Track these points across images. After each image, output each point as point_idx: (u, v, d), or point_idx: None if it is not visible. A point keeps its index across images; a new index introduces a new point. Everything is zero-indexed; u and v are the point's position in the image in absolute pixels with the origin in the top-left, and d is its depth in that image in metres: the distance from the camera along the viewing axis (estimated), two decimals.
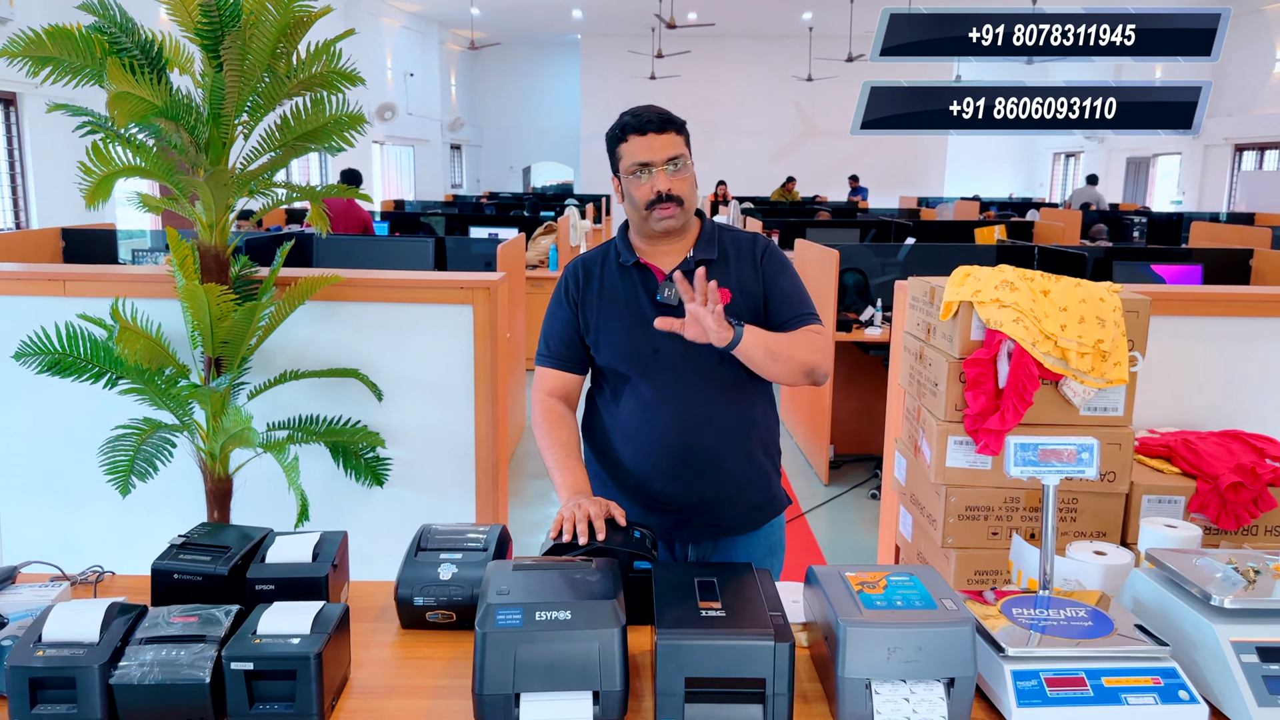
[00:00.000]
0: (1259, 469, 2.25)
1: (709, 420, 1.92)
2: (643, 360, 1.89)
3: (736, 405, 1.95)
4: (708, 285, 1.71)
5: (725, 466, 1.95)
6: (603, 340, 1.92)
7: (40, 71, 2.20)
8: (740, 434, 1.96)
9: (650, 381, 1.90)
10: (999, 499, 2.24)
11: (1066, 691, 1.34)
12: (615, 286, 1.94)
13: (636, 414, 1.92)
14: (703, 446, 1.92)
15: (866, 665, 1.30)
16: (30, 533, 2.84)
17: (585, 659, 1.28)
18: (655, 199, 1.85)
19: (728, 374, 1.92)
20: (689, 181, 1.89)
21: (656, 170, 1.85)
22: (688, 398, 1.90)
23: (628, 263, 1.94)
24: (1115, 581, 1.68)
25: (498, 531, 1.72)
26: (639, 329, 1.89)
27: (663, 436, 1.91)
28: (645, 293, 1.91)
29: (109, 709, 1.28)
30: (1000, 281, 2.19)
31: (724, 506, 1.98)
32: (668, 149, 1.85)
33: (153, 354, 2.36)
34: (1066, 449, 1.58)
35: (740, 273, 1.96)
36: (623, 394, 1.93)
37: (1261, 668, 1.34)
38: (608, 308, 1.93)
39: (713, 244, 1.96)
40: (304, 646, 1.29)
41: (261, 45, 2.27)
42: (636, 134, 1.86)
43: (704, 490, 1.94)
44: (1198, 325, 2.77)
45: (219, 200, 2.40)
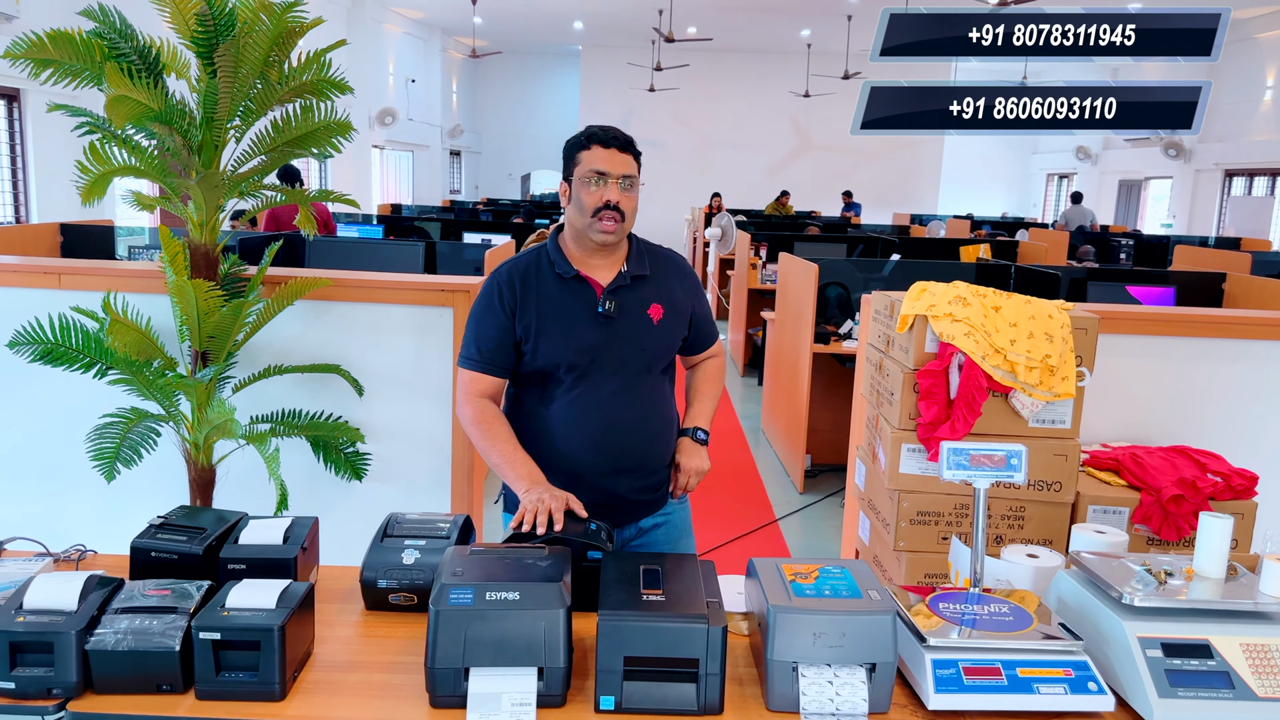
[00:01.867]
0: (1200, 483, 2.35)
1: (636, 421, 2.07)
2: (580, 366, 2.02)
3: (656, 407, 2.11)
4: (683, 484, 2.13)
5: (649, 460, 2.10)
6: (542, 346, 2.01)
7: (42, 73, 2.29)
8: (660, 431, 2.12)
9: (584, 385, 2.03)
10: (949, 505, 2.33)
11: (982, 680, 1.43)
12: (555, 296, 2.04)
13: (570, 414, 2.04)
14: (630, 445, 2.06)
15: (794, 649, 1.39)
16: (17, 517, 2.92)
17: (531, 637, 1.37)
18: (603, 206, 1.98)
19: (650, 380, 2.09)
20: (634, 201, 2.04)
21: (611, 181, 1.99)
22: (617, 401, 2.04)
23: (566, 274, 2.04)
24: (1044, 583, 1.77)
25: (461, 520, 1.81)
26: (579, 337, 2.01)
27: (594, 434, 2.04)
28: (585, 305, 2.04)
29: (84, 673, 1.36)
30: (954, 297, 2.29)
31: (646, 493, 2.12)
32: (625, 167, 2.00)
33: (142, 346, 2.45)
34: (997, 454, 1.68)
35: (670, 287, 2.12)
36: (554, 396, 2.05)
37: (1164, 662, 1.43)
38: (548, 316, 2.02)
39: (643, 260, 2.11)
40: (268, 619, 1.38)
41: (255, 53, 2.37)
42: (600, 145, 2.00)
43: (631, 481, 2.08)
44: (1152, 344, 2.87)
45: (210, 201, 2.49)
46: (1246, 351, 2.90)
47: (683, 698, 1.38)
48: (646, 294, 2.07)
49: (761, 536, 4.39)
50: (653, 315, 2.06)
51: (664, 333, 2.08)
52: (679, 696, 1.38)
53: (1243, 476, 2.38)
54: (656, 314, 2.06)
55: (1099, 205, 17.41)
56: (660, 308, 2.07)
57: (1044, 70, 13.67)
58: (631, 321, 2.04)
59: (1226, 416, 2.87)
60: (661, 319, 2.07)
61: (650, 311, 2.06)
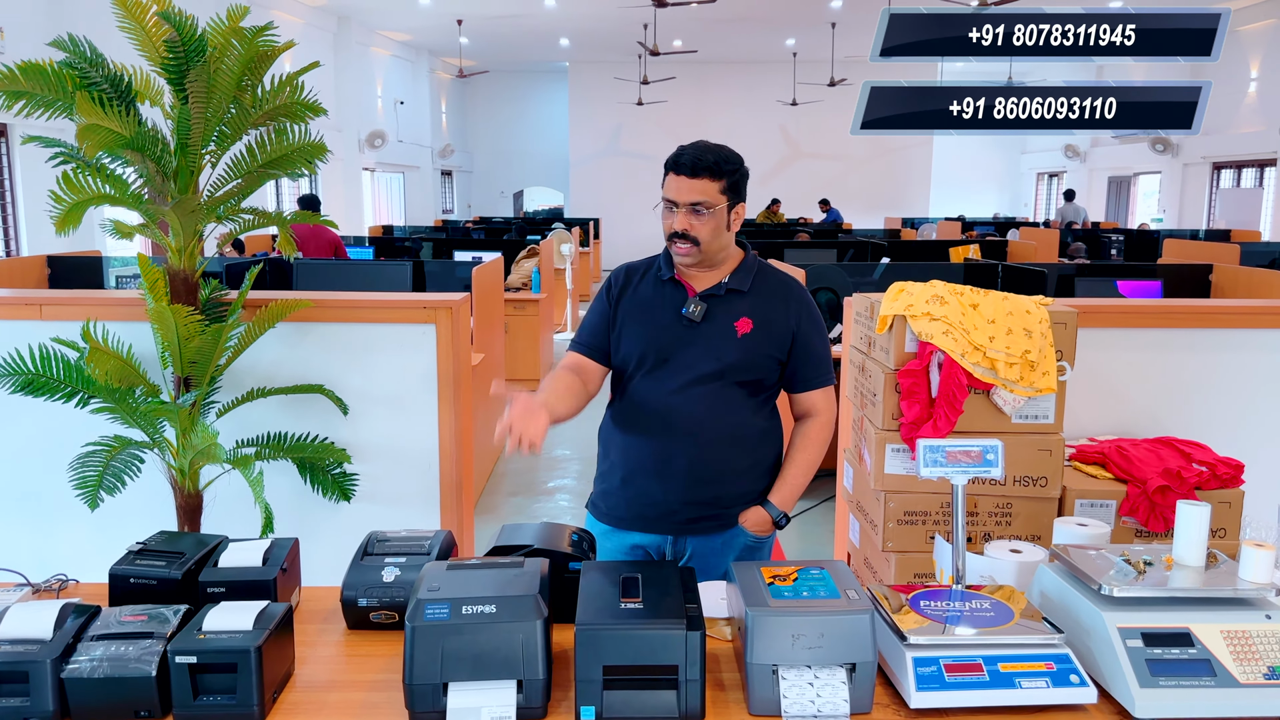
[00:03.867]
0: (1185, 473, 2.34)
1: (696, 426, 2.06)
2: (651, 364, 2.07)
3: (724, 418, 2.09)
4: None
5: (704, 473, 2.08)
6: (625, 337, 2.09)
7: (14, 105, 2.30)
8: (722, 443, 2.09)
9: (651, 383, 2.07)
10: (936, 504, 2.33)
11: (964, 676, 1.42)
12: (648, 295, 2.12)
13: (630, 410, 2.10)
14: (685, 449, 2.06)
15: (773, 651, 1.38)
16: (3, 548, 2.91)
17: (509, 649, 1.36)
18: (672, 235, 2.03)
19: (724, 392, 2.08)
20: (709, 226, 2.02)
21: (678, 211, 2.02)
22: (681, 402, 2.05)
23: (665, 277, 2.11)
24: (1027, 578, 1.77)
25: (442, 537, 1.81)
26: (657, 334, 2.06)
27: (653, 435, 2.07)
28: (672, 306, 2.08)
29: (60, 702, 1.36)
30: (931, 296, 2.30)
31: (698, 506, 2.10)
32: (693, 194, 2.01)
33: (123, 373, 2.45)
34: (973, 450, 1.68)
35: (768, 308, 2.11)
36: (625, 391, 2.11)
37: (1145, 651, 1.43)
38: (636, 312, 2.11)
39: (748, 276, 2.12)
40: (245, 641, 1.38)
41: (227, 78, 2.38)
42: (673, 172, 2.04)
43: (680, 489, 2.08)
44: (1136, 337, 2.87)
45: (187, 227, 2.50)
46: (1230, 340, 2.90)
47: (663, 705, 1.37)
48: (739, 308, 2.08)
49: None
50: (739, 328, 2.06)
51: (749, 347, 2.06)
52: (660, 704, 1.38)
53: (1229, 465, 2.38)
54: (744, 327, 2.06)
55: (1088, 203, 17.46)
56: (750, 322, 2.06)
57: (1030, 69, 13.72)
58: (714, 329, 2.06)
59: (1212, 406, 2.87)
60: (749, 333, 2.06)
61: (737, 324, 2.06)
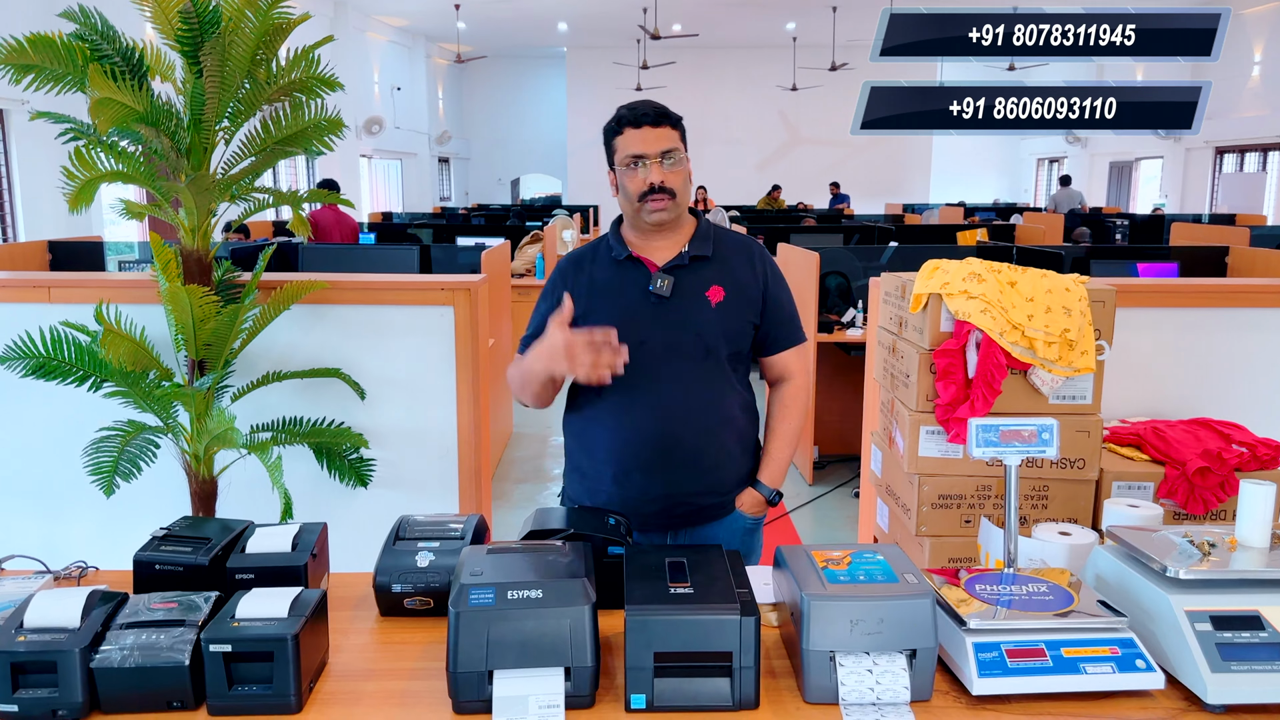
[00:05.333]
0: (1225, 454, 2.29)
1: (688, 412, 1.96)
2: (629, 352, 1.89)
3: (715, 399, 1.99)
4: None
5: (702, 458, 1.99)
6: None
7: (23, 79, 2.23)
8: (717, 426, 2.00)
9: (633, 372, 1.91)
10: (971, 487, 2.28)
11: (1026, 662, 1.37)
12: (606, 279, 1.97)
13: (616, 405, 1.96)
14: (681, 437, 1.96)
15: (830, 638, 1.33)
16: (14, 536, 2.86)
17: (556, 636, 1.31)
18: (648, 190, 1.89)
19: (709, 369, 1.97)
20: (682, 175, 1.94)
21: (650, 163, 1.90)
22: (669, 389, 1.94)
23: (620, 256, 1.97)
24: (1079, 561, 1.72)
25: (475, 521, 1.75)
26: (627, 321, 1.90)
27: (643, 426, 1.94)
28: (636, 286, 1.95)
29: (90, 693, 1.30)
30: (968, 274, 2.24)
31: (700, 496, 2.01)
32: (662, 142, 1.90)
33: (137, 357, 2.39)
34: (1027, 429, 1.62)
35: (736, 271, 2.01)
36: (604, 386, 1.92)
37: (1215, 635, 1.38)
38: (598, 299, 1.95)
39: (707, 241, 2.00)
40: (281, 628, 1.32)
41: (241, 52, 2.30)
42: (632, 126, 1.91)
43: (681, 480, 1.98)
44: (1167, 316, 2.82)
45: (201, 205, 2.43)
46: (1261, 320, 2.86)
47: (716, 693, 1.32)
48: (707, 275, 1.96)
49: (774, 530, 4.33)
50: (711, 297, 1.94)
51: (725, 316, 1.95)
52: (713, 692, 1.32)
53: (1268, 446, 2.33)
54: (716, 295, 1.94)
55: (1090, 188, 17.41)
56: (721, 290, 1.94)
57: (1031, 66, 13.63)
58: (687, 303, 1.93)
59: (1246, 386, 2.83)
60: (722, 301, 1.94)
61: (709, 294, 1.94)
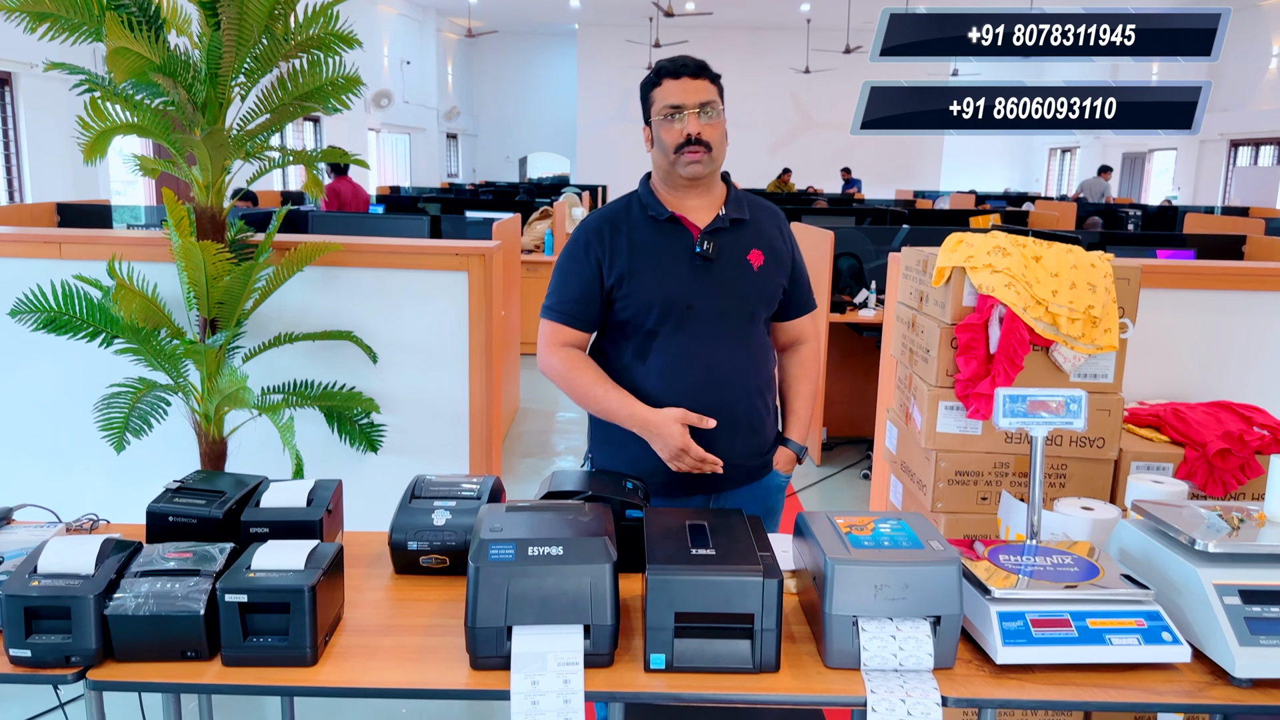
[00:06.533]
0: (1246, 436, 2.27)
1: (739, 375, 1.94)
2: (677, 314, 1.88)
3: (759, 360, 1.98)
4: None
5: (752, 421, 1.98)
6: (635, 291, 1.88)
7: (38, 28, 2.19)
8: (762, 387, 2.00)
9: (682, 336, 1.89)
10: (989, 464, 2.25)
11: (1051, 632, 1.35)
12: (649, 240, 1.91)
13: (667, 370, 1.90)
14: (736, 402, 1.93)
15: (854, 602, 1.31)
16: (24, 490, 2.84)
17: (577, 593, 1.29)
18: (685, 142, 1.85)
19: (752, 332, 1.96)
20: (719, 130, 1.89)
21: (688, 114, 1.85)
22: (719, 353, 1.91)
23: (660, 216, 1.92)
24: (1102, 536, 1.70)
25: (491, 482, 1.74)
26: (675, 282, 1.88)
27: (694, 392, 1.89)
28: (682, 247, 1.91)
29: (104, 640, 1.29)
30: (993, 247, 2.21)
31: (750, 458, 2.00)
32: (700, 94, 1.86)
33: (148, 313, 2.36)
34: (1055, 400, 1.60)
35: (769, 235, 2.00)
36: (650, 349, 1.91)
37: (1244, 609, 1.36)
38: (642, 261, 1.89)
39: (741, 205, 1.98)
40: (298, 580, 1.31)
41: (258, 6, 2.27)
42: (671, 78, 1.87)
43: (736, 444, 1.94)
44: (1188, 298, 2.79)
45: (215, 161, 2.40)
46: None
47: (737, 654, 1.31)
48: (746, 239, 1.94)
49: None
50: (753, 261, 1.93)
51: (766, 280, 1.95)
52: (733, 653, 1.31)
53: None
54: (757, 260, 1.93)
55: None
56: (760, 254, 1.93)
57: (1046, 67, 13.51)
58: (731, 266, 1.91)
59: (1266, 370, 2.80)
60: (762, 265, 1.93)
61: (750, 257, 1.93)
